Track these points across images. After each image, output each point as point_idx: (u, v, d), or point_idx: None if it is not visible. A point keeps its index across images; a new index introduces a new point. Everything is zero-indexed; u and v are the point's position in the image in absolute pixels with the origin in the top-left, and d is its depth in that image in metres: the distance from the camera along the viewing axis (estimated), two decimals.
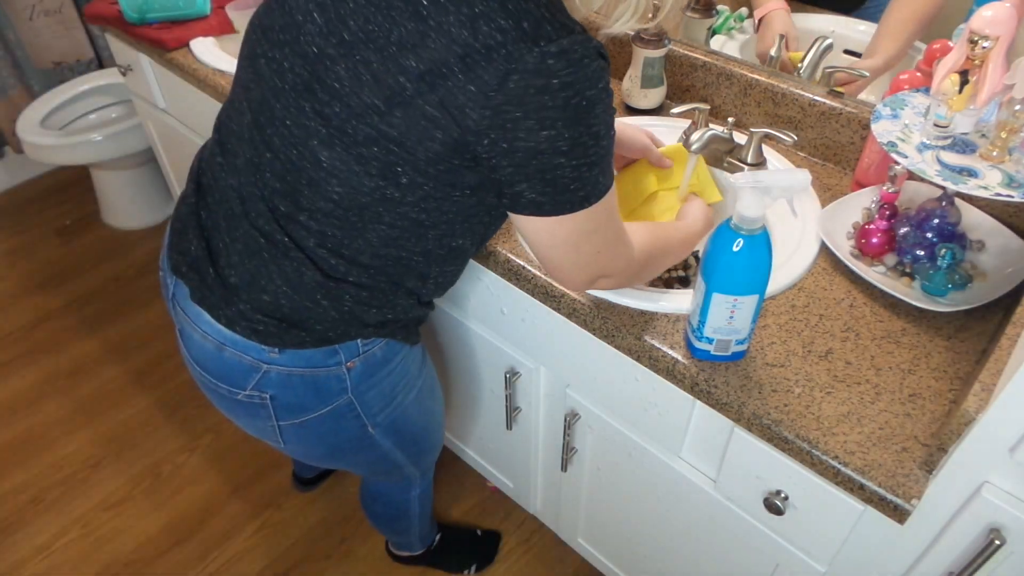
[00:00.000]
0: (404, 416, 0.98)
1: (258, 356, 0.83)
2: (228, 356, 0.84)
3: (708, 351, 0.84)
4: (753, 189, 0.70)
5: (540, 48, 0.61)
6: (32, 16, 2.36)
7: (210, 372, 0.87)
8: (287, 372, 0.84)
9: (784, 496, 0.87)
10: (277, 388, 0.85)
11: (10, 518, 1.69)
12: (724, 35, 1.27)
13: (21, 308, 2.21)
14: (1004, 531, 0.70)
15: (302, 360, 0.83)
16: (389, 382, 0.92)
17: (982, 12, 0.81)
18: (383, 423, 0.95)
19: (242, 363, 0.84)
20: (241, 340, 0.83)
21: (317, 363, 0.83)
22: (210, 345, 0.85)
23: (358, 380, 0.88)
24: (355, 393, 0.88)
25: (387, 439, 0.99)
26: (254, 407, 0.88)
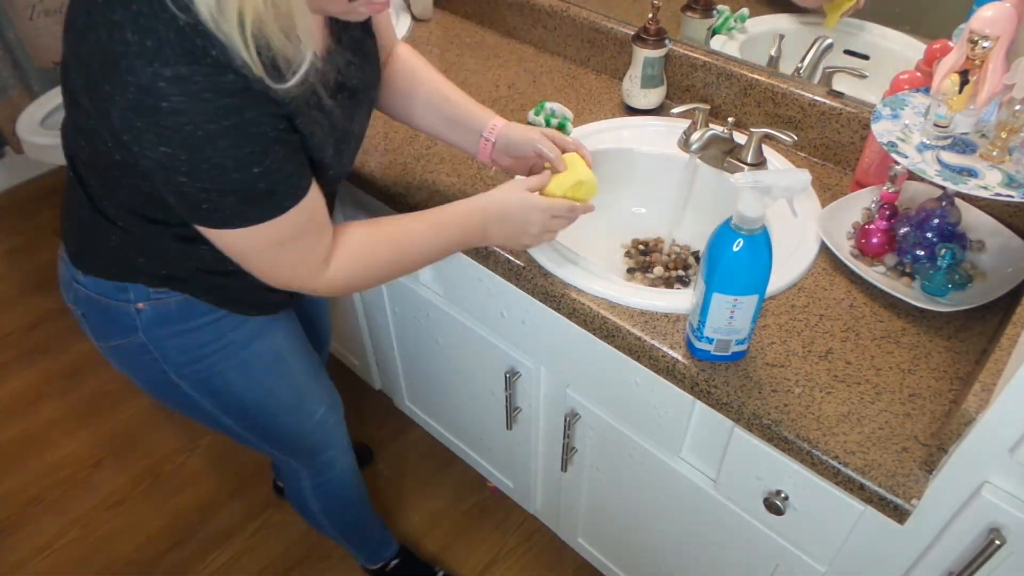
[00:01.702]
0: (223, 381, 0.97)
1: (71, 272, 0.90)
2: (62, 268, 0.93)
3: (708, 351, 0.84)
4: (753, 189, 0.70)
5: (153, 68, 0.62)
6: (32, 16, 2.36)
7: (59, 281, 0.95)
8: (88, 294, 0.89)
9: (784, 496, 0.87)
10: (85, 307, 0.91)
11: (10, 518, 1.69)
12: (724, 35, 1.27)
13: (21, 308, 2.21)
14: (1004, 531, 0.70)
15: (98, 287, 0.88)
16: (193, 339, 0.92)
17: (982, 12, 0.81)
18: (190, 376, 0.95)
19: (66, 275, 0.92)
20: (65, 254, 0.90)
21: (109, 294, 0.88)
22: (59, 255, 0.93)
23: (149, 323, 0.89)
24: (148, 336, 0.90)
25: (204, 398, 0.99)
26: (80, 321, 0.94)
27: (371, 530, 1.46)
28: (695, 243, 1.19)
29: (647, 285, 1.12)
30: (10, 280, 2.31)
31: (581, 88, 1.36)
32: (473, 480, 1.73)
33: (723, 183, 1.14)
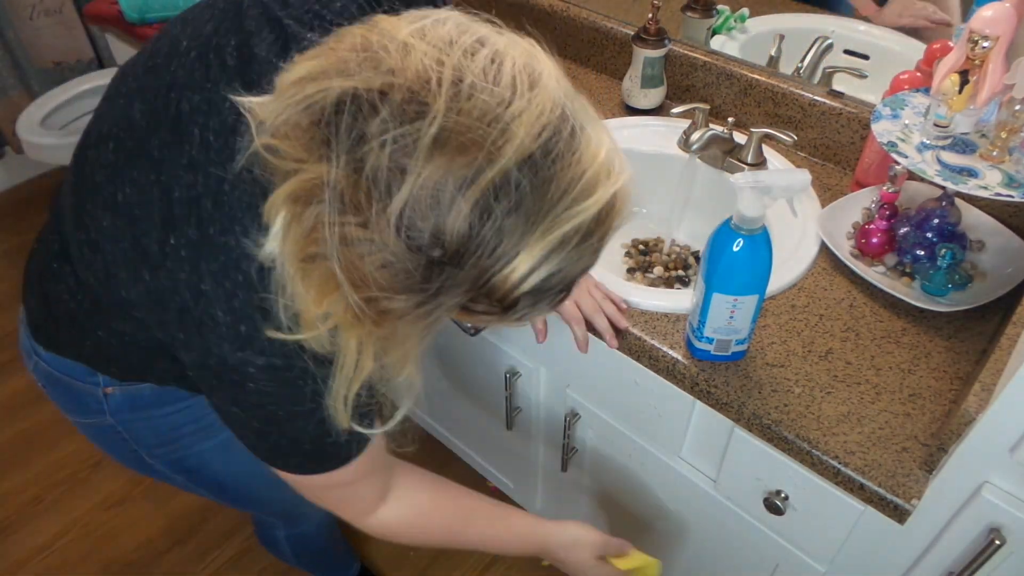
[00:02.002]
0: (199, 461, 0.88)
1: (31, 346, 0.79)
2: (21, 332, 0.81)
3: (708, 351, 0.84)
4: (753, 189, 0.70)
5: (244, 355, 0.57)
6: (32, 16, 2.36)
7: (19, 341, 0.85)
8: (49, 371, 0.79)
9: (784, 496, 0.87)
10: (46, 382, 0.81)
11: (10, 518, 1.69)
12: (724, 35, 1.27)
13: None
14: (1004, 531, 0.70)
15: (62, 366, 0.77)
16: (166, 423, 0.82)
17: (982, 12, 0.81)
18: (164, 458, 0.86)
19: (25, 346, 0.81)
20: (25, 324, 0.79)
21: (74, 375, 0.77)
22: (20, 315, 0.82)
23: (118, 408, 0.79)
24: (117, 419, 0.80)
25: (177, 475, 0.90)
26: (42, 385, 0.83)
27: (337, 559, 1.45)
28: (695, 243, 1.19)
29: (647, 285, 1.12)
30: (10, 280, 2.30)
31: (581, 88, 1.35)
32: (473, 480, 1.73)
33: (723, 183, 1.14)
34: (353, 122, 0.43)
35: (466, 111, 0.42)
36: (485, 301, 0.47)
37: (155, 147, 0.60)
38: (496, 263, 0.44)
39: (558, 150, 0.44)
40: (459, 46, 0.45)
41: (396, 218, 0.42)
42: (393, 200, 0.42)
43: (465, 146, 0.42)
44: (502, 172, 0.42)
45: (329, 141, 0.43)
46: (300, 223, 0.45)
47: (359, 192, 0.43)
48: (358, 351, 0.51)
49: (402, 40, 0.45)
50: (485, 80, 0.43)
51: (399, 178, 0.42)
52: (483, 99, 0.43)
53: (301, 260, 0.47)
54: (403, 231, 0.43)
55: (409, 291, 0.45)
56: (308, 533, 1.24)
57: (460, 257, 0.43)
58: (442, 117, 0.42)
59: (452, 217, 0.42)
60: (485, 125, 0.42)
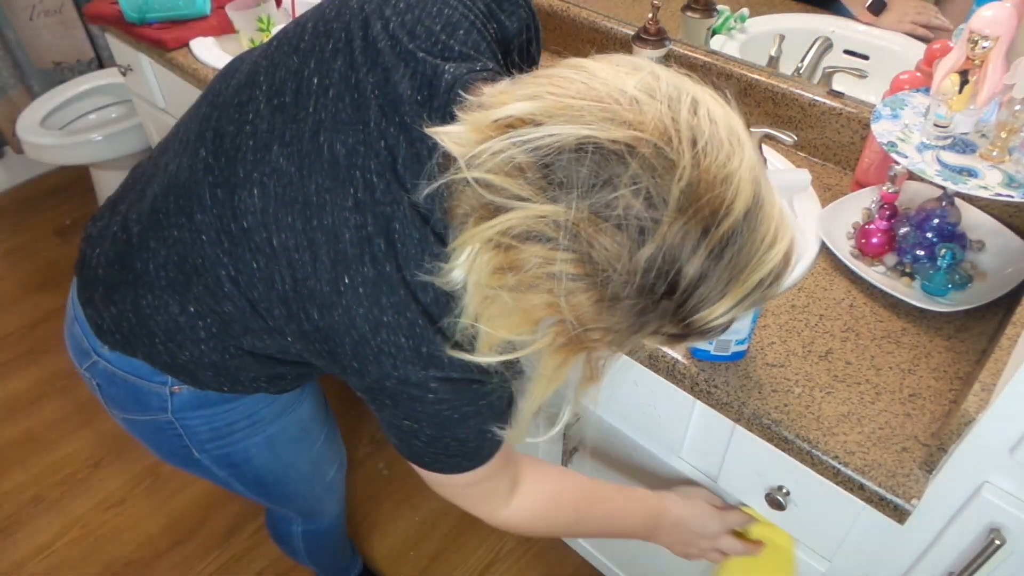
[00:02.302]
0: (244, 456, 0.91)
1: (91, 343, 0.80)
2: (75, 331, 0.82)
3: (708, 351, 0.84)
4: None
5: (427, 372, 0.62)
6: (32, 16, 2.36)
7: (65, 337, 0.86)
8: (112, 371, 0.80)
9: (786, 492, 0.87)
10: (102, 379, 0.83)
11: (10, 518, 1.69)
12: (724, 35, 1.27)
13: (21, 308, 2.21)
14: (1004, 531, 0.70)
15: (128, 365, 0.79)
16: (224, 419, 0.85)
17: (982, 12, 0.81)
18: (213, 453, 0.89)
19: (81, 342, 0.82)
20: (84, 320, 0.80)
21: (141, 374, 0.79)
22: (68, 312, 0.84)
23: (182, 406, 0.82)
24: (177, 416, 0.82)
25: (221, 470, 0.92)
26: (91, 386, 0.86)
27: (344, 557, 1.46)
28: None
29: None
30: (10, 280, 2.31)
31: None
32: None
33: None
34: (598, 169, 0.46)
35: (705, 168, 0.46)
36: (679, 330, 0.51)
37: (313, 192, 0.62)
38: (708, 302, 0.49)
39: (763, 201, 0.50)
40: (683, 105, 0.48)
41: (646, 262, 0.46)
42: (645, 246, 0.46)
43: (709, 201, 0.46)
44: (733, 224, 0.47)
45: (564, 184, 0.46)
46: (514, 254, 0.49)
47: (602, 234, 0.46)
48: (553, 371, 0.55)
49: (632, 95, 0.48)
50: (713, 140, 0.47)
51: (652, 226, 0.46)
52: (716, 157, 0.47)
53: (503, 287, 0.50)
54: (649, 273, 0.47)
55: (624, 325, 0.49)
56: (322, 529, 1.25)
57: (686, 295, 0.48)
58: (689, 173, 0.46)
59: (692, 262, 0.47)
60: (720, 182, 0.47)
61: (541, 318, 0.50)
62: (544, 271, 0.48)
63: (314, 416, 0.99)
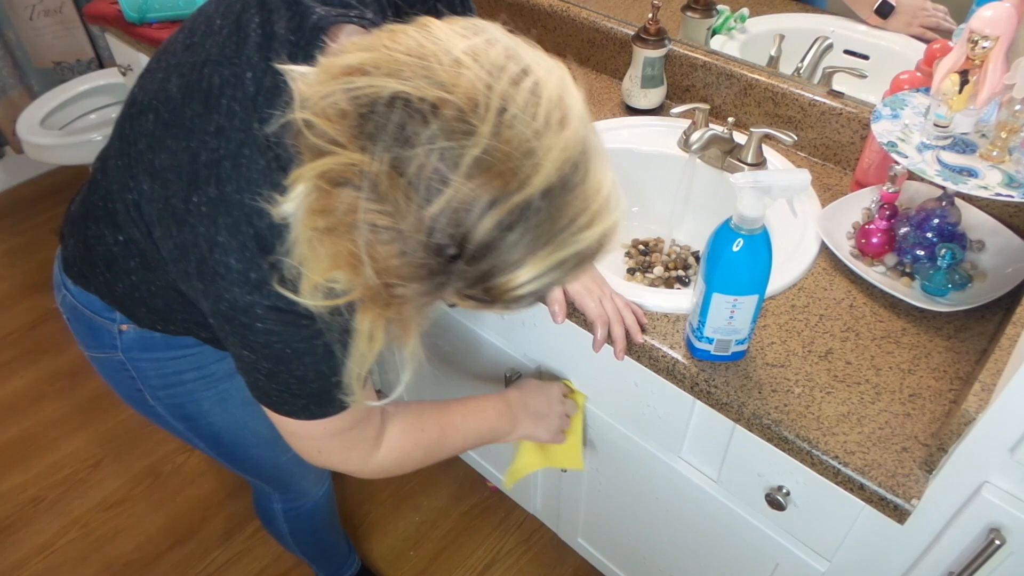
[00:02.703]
0: (197, 409, 0.95)
1: (61, 278, 0.88)
2: (55, 269, 0.91)
3: (708, 351, 0.84)
4: (753, 189, 0.70)
5: (253, 298, 0.64)
6: (32, 16, 2.36)
7: None
8: (73, 302, 0.87)
9: (786, 492, 0.87)
10: (70, 313, 0.89)
11: (10, 518, 1.69)
12: (724, 35, 1.27)
13: (21, 308, 2.21)
14: (1004, 531, 0.70)
15: (85, 299, 0.86)
16: (173, 367, 0.90)
17: (982, 12, 0.81)
18: (166, 401, 0.93)
19: (56, 279, 0.90)
20: (60, 259, 0.88)
21: (94, 309, 0.86)
22: None
23: (130, 346, 0.87)
24: (127, 356, 0.88)
25: (177, 421, 0.96)
26: (67, 318, 0.92)
27: (337, 551, 1.46)
28: (695, 243, 1.19)
29: (647, 285, 1.12)
30: (10, 280, 2.31)
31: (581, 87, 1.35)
32: (473, 480, 1.73)
33: (723, 183, 1.14)
34: (403, 125, 0.47)
35: (506, 139, 0.47)
36: (481, 294, 0.52)
37: (188, 117, 0.66)
38: (503, 269, 0.50)
39: (573, 183, 0.50)
40: (507, 73, 0.49)
41: (430, 221, 0.47)
42: (431, 205, 0.47)
43: (501, 172, 0.47)
44: (526, 199, 0.48)
45: (374, 136, 0.47)
46: (328, 198, 0.49)
47: (396, 189, 0.47)
48: (370, 331, 0.56)
49: (456, 56, 0.48)
50: (525, 113, 0.48)
51: (439, 187, 0.47)
52: (522, 131, 0.47)
53: (316, 229, 0.51)
54: (434, 232, 0.47)
55: (421, 281, 0.50)
56: (305, 510, 1.26)
57: (475, 260, 0.49)
58: (486, 142, 0.46)
59: (478, 229, 0.47)
60: (520, 156, 0.47)
61: (349, 267, 0.51)
62: (349, 219, 0.49)
63: None
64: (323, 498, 1.28)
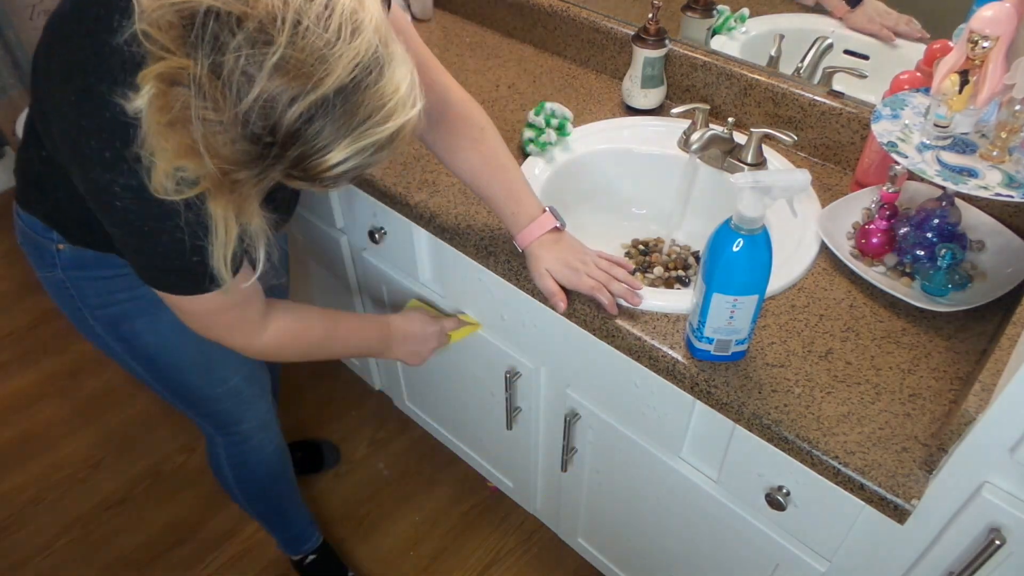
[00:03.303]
0: (132, 330, 1.03)
1: (16, 208, 0.97)
2: (14, 208, 0.99)
3: (708, 351, 0.84)
4: (753, 189, 0.70)
5: (111, 176, 0.71)
6: (32, 16, 2.36)
7: None
8: (22, 227, 0.97)
9: (786, 492, 0.87)
10: (21, 237, 0.98)
11: (10, 518, 1.69)
12: (724, 35, 1.27)
13: (21, 308, 2.21)
14: (1004, 531, 0.70)
15: (29, 222, 0.95)
16: (106, 285, 0.98)
17: (982, 12, 0.81)
18: (101, 319, 1.01)
19: (13, 208, 0.98)
20: (15, 197, 0.97)
21: (36, 230, 0.95)
22: None
23: (68, 264, 0.96)
24: (66, 274, 0.97)
25: (114, 343, 1.04)
26: (20, 243, 1.00)
27: (292, 518, 1.46)
28: (695, 243, 1.19)
29: (647, 285, 1.12)
30: (10, 280, 2.31)
31: (581, 88, 1.36)
32: (473, 480, 1.73)
33: (723, 183, 1.14)
34: (217, 34, 0.56)
35: (300, 47, 0.56)
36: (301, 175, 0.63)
37: (70, 25, 0.75)
38: (314, 154, 0.60)
39: (366, 83, 0.59)
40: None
41: (244, 114, 0.57)
42: (242, 101, 0.57)
43: (297, 75, 0.56)
44: (322, 96, 0.57)
45: (195, 44, 0.56)
46: (166, 96, 0.58)
47: (215, 89, 0.57)
48: (224, 216, 0.65)
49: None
50: (318, 25, 0.57)
51: (247, 87, 0.57)
52: (314, 40, 0.57)
53: (160, 123, 0.60)
54: (248, 125, 0.58)
55: (250, 165, 0.60)
56: (251, 457, 1.28)
57: (287, 146, 0.59)
58: (282, 50, 0.56)
59: (284, 120, 0.58)
60: (313, 60, 0.57)
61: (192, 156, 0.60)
62: (184, 114, 0.58)
63: None
64: (270, 447, 1.29)
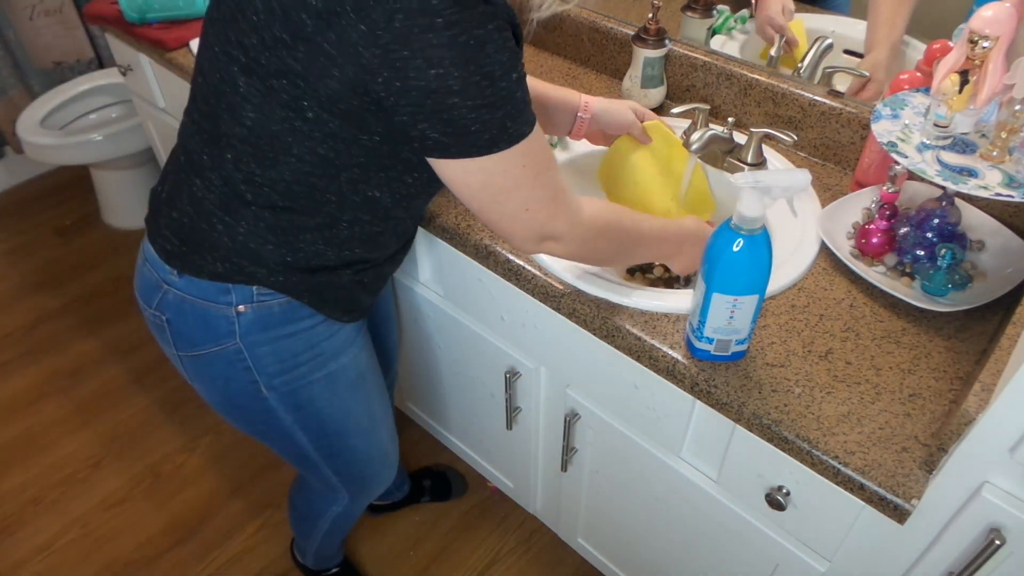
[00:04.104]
0: (309, 394, 0.95)
1: (161, 274, 0.87)
2: (145, 272, 0.90)
3: (708, 351, 0.84)
4: (753, 189, 0.70)
5: None
6: (32, 16, 2.36)
7: (135, 288, 0.93)
8: (181, 297, 0.86)
9: (786, 492, 0.87)
10: (173, 312, 0.87)
11: (10, 518, 1.69)
12: (724, 35, 1.27)
13: (21, 308, 2.21)
14: (1004, 531, 0.70)
15: (196, 289, 0.85)
16: (289, 345, 0.90)
17: (982, 12, 0.81)
18: (280, 388, 0.93)
19: (151, 279, 0.88)
20: (153, 256, 0.88)
21: (209, 296, 0.85)
22: (139, 262, 0.92)
23: (248, 328, 0.87)
24: (245, 341, 0.87)
25: (287, 412, 0.96)
26: (160, 328, 0.90)
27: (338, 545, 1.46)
28: None
29: (647, 285, 1.12)
30: (10, 280, 2.31)
31: (581, 88, 1.36)
32: (473, 480, 1.73)
33: (723, 183, 1.14)
34: None
35: None
36: None
37: None
38: None
39: None
40: None
41: None
42: None
43: None
44: None
45: None
46: None
47: None
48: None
49: None
50: None
51: None
52: None
53: None
54: None
55: None
56: (354, 512, 1.27)
57: None
58: None
59: None
60: None
61: None
62: None
63: (370, 365, 1.05)
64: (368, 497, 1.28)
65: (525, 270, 0.99)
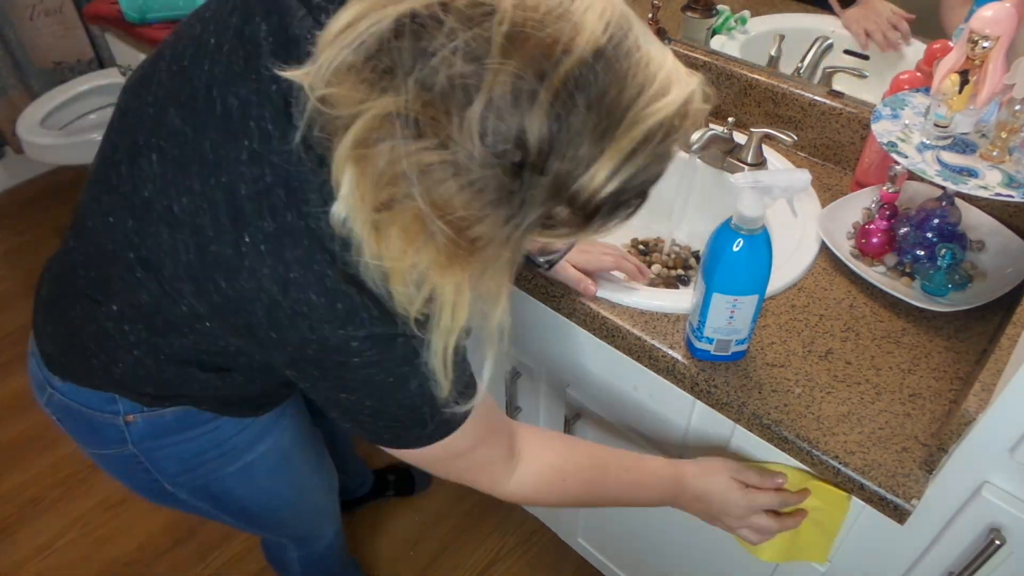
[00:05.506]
0: (221, 487, 0.86)
1: (45, 376, 0.78)
2: (32, 366, 0.81)
3: (708, 351, 0.84)
4: (753, 189, 0.70)
5: (345, 332, 0.57)
6: (32, 16, 2.36)
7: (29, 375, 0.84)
8: (64, 402, 0.77)
9: None
10: (62, 414, 0.79)
11: (10, 518, 1.69)
12: (724, 35, 1.27)
13: (21, 308, 2.21)
14: (1004, 531, 0.70)
15: (80, 396, 0.76)
16: (189, 448, 0.80)
17: (982, 12, 0.81)
18: (186, 485, 0.84)
19: (37, 377, 0.80)
20: (37, 353, 0.79)
21: (93, 405, 0.75)
22: (28, 349, 0.82)
23: (141, 437, 0.77)
24: (139, 448, 0.78)
25: (200, 502, 0.87)
26: (55, 422, 0.82)
27: None
28: (695, 243, 1.19)
29: (647, 285, 1.12)
30: (10, 280, 2.31)
31: None
32: None
33: (723, 183, 1.14)
34: (416, 41, 0.41)
35: (532, 7, 0.41)
36: (567, 210, 0.46)
37: (208, 150, 0.57)
38: (578, 167, 0.43)
39: (627, 46, 0.44)
40: None
41: (478, 123, 0.41)
42: (472, 105, 0.41)
43: (539, 41, 0.41)
44: (578, 63, 0.41)
45: (392, 68, 0.42)
46: (370, 168, 0.44)
47: (433, 109, 0.41)
48: (455, 295, 0.50)
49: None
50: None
51: (476, 82, 0.41)
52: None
53: (376, 210, 0.45)
54: (486, 137, 0.41)
55: (494, 207, 0.44)
56: (319, 552, 1.21)
57: (543, 160, 0.42)
58: (511, 14, 0.41)
59: (534, 114, 0.41)
60: (554, 19, 0.42)
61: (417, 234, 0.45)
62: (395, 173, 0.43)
63: (295, 443, 0.94)
64: (338, 537, 1.24)
65: (525, 270, 0.99)
